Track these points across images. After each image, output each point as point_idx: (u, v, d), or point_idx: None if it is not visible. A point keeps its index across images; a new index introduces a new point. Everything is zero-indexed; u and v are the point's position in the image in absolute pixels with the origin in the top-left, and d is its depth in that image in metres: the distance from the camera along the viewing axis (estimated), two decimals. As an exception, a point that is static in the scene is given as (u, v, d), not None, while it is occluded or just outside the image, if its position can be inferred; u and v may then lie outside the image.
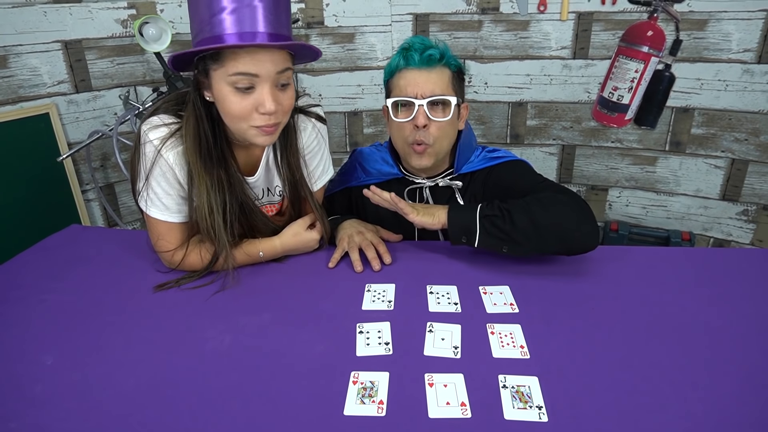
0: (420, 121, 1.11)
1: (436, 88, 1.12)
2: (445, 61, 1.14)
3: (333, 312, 0.95)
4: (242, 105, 0.92)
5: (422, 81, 1.12)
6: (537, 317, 0.91)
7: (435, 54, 1.11)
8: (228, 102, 0.92)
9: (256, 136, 0.97)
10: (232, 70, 0.89)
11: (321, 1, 2.14)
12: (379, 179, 1.27)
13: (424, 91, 1.11)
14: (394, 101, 1.15)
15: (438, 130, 1.13)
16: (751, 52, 1.92)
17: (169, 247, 1.05)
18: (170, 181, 1.01)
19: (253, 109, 0.93)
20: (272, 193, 1.16)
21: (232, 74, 0.89)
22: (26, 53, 1.83)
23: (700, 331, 0.87)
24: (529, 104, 2.25)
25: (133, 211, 2.26)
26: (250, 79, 0.90)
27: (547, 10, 2.07)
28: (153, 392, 0.77)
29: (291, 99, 0.98)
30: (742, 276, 1.04)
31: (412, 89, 1.12)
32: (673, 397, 0.73)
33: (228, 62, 0.89)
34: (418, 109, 1.11)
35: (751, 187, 2.08)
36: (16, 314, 0.96)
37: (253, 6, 0.87)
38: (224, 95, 0.92)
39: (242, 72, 0.89)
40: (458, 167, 1.23)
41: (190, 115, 0.99)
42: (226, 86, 0.91)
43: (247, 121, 0.94)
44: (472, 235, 1.03)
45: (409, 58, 1.12)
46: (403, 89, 1.14)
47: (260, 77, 0.90)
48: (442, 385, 0.76)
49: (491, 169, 1.23)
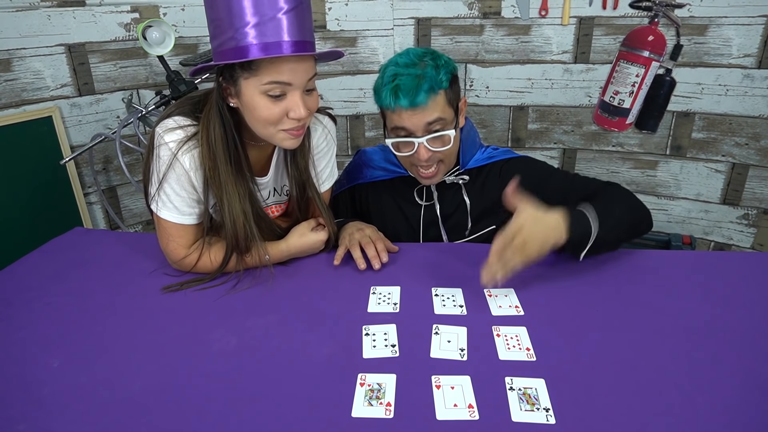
0: (422, 156, 1.11)
1: (434, 121, 1.08)
2: (436, 88, 1.07)
3: (339, 314, 0.95)
4: (274, 111, 0.94)
5: (417, 119, 1.08)
6: (542, 320, 0.91)
7: (423, 99, 1.05)
8: (260, 108, 0.93)
9: (285, 139, 0.98)
10: (266, 79, 0.91)
11: (323, 5, 2.15)
12: (385, 175, 1.28)
13: (421, 127, 1.09)
14: (393, 142, 1.13)
15: (442, 155, 1.14)
16: (751, 57, 1.93)
17: (178, 249, 1.06)
18: (183, 184, 1.01)
19: (283, 115, 0.95)
20: (279, 193, 1.17)
21: (266, 83, 0.91)
22: (30, 57, 1.83)
23: (703, 334, 0.87)
24: (531, 108, 2.26)
25: (135, 214, 2.26)
26: (283, 87, 0.92)
27: (549, 15, 2.08)
28: (159, 394, 0.77)
29: (316, 101, 1.00)
30: (743, 280, 1.05)
31: (407, 123, 1.09)
32: (679, 399, 0.73)
33: (262, 71, 0.90)
34: (419, 146, 1.10)
35: (751, 191, 2.08)
36: (22, 317, 0.96)
37: (289, 15, 0.88)
38: (256, 102, 0.93)
39: (277, 81, 0.91)
40: (463, 162, 1.23)
41: (215, 122, 0.99)
42: (258, 94, 0.92)
43: (276, 126, 0.96)
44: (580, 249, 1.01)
45: (400, 99, 1.06)
46: (396, 122, 1.10)
47: (293, 85, 0.92)
48: (450, 387, 0.76)
49: (504, 164, 1.24)
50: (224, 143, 0.99)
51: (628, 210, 1.09)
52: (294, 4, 0.88)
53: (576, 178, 1.21)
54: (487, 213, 1.24)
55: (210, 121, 0.99)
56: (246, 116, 0.98)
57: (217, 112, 0.98)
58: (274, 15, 0.86)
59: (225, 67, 0.93)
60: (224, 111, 0.98)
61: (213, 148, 0.99)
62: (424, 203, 1.26)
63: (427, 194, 1.26)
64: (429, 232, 1.27)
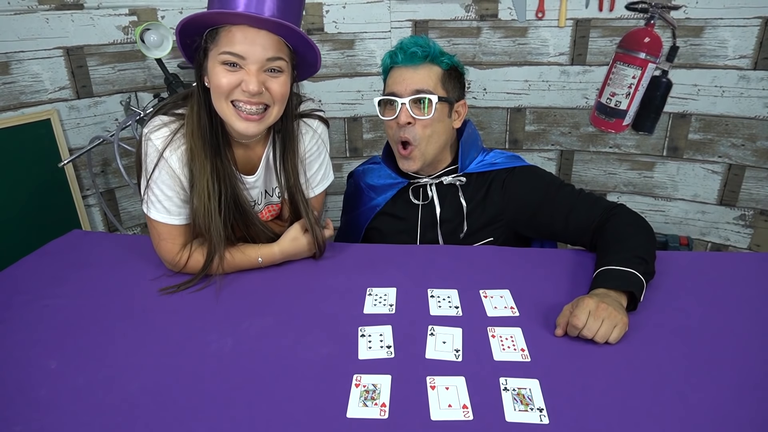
0: (402, 119, 1.13)
1: (420, 86, 1.12)
2: (432, 59, 1.14)
3: (334, 315, 0.95)
4: (227, 80, 0.93)
5: (407, 78, 1.13)
6: (537, 321, 0.92)
7: (417, 51, 1.12)
8: (216, 77, 0.94)
9: (236, 120, 0.97)
10: (222, 48, 0.92)
11: (321, 8, 2.15)
12: (388, 193, 1.28)
13: (407, 89, 1.12)
14: (380, 99, 1.17)
15: (423, 129, 1.14)
16: (746, 58, 1.94)
17: (170, 249, 1.06)
18: (171, 185, 1.02)
19: (236, 86, 0.94)
20: (270, 195, 1.17)
21: (222, 52, 0.92)
22: (28, 59, 1.83)
23: (699, 335, 0.88)
24: (528, 110, 2.26)
25: (134, 217, 2.27)
26: (237, 59, 0.92)
27: (545, 17, 2.09)
28: (156, 395, 0.77)
29: (282, 87, 0.98)
30: (740, 280, 1.05)
31: (397, 87, 1.14)
32: (673, 400, 0.74)
33: (221, 39, 0.92)
34: (401, 108, 1.12)
35: (748, 192, 2.09)
36: (20, 319, 0.97)
37: None
38: (215, 72, 0.94)
39: (230, 51, 0.92)
40: (462, 164, 1.23)
41: (194, 102, 1.00)
42: (217, 64, 0.93)
43: (229, 97, 0.95)
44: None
45: (395, 55, 1.15)
46: (389, 87, 1.16)
47: (247, 59, 0.93)
48: (444, 388, 0.77)
49: (508, 174, 1.22)
50: (198, 119, 0.99)
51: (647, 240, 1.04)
52: None
53: (581, 195, 1.17)
54: (487, 224, 1.23)
55: (192, 110, 1.00)
56: (211, 93, 0.98)
57: (196, 91, 0.99)
58: None
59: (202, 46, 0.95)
60: (199, 88, 0.99)
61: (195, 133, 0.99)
62: (420, 203, 1.26)
63: (424, 196, 1.27)
64: (426, 234, 1.27)
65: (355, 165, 2.33)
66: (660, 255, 1.17)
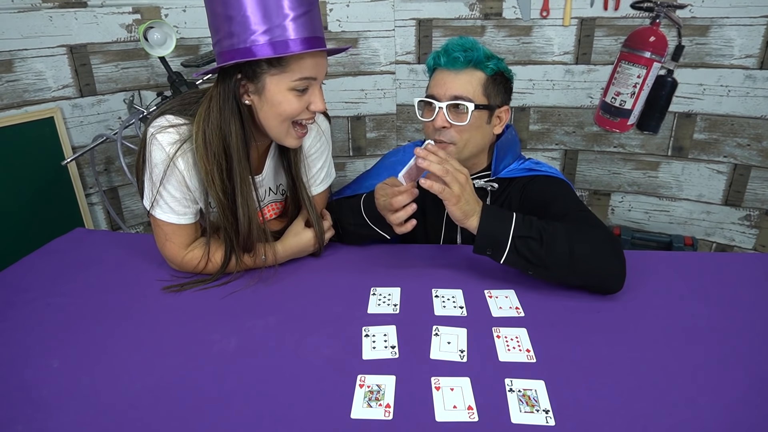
0: (438, 122, 1.11)
1: (459, 92, 1.10)
2: (476, 64, 1.11)
3: (339, 315, 0.95)
4: (297, 106, 0.96)
5: (447, 82, 1.12)
6: (542, 321, 0.91)
7: (459, 57, 1.10)
8: (285, 103, 0.95)
9: (293, 138, 1.01)
10: (297, 75, 0.93)
11: (325, 6, 2.15)
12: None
13: (446, 93, 1.11)
14: (420, 100, 1.15)
15: (459, 134, 1.12)
16: (753, 57, 1.92)
17: (176, 249, 1.06)
18: (178, 186, 1.01)
19: (304, 108, 0.98)
20: (274, 192, 1.17)
21: (297, 79, 0.94)
22: (31, 58, 1.83)
23: (704, 335, 0.87)
24: (532, 109, 2.25)
25: (136, 215, 2.26)
26: (309, 82, 0.95)
27: (550, 16, 2.08)
28: (159, 395, 0.77)
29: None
30: (745, 281, 1.04)
31: (437, 90, 1.12)
32: (680, 401, 0.73)
33: (292, 67, 0.93)
34: (438, 111, 1.11)
35: (753, 192, 2.08)
36: (22, 317, 0.97)
37: (312, 12, 0.91)
38: (282, 97, 0.95)
39: (306, 77, 0.94)
40: (495, 169, 1.20)
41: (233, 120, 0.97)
42: (285, 90, 0.94)
43: (293, 119, 0.98)
44: (500, 250, 0.95)
45: (438, 57, 1.14)
46: (430, 89, 1.15)
47: (317, 80, 0.96)
48: (449, 389, 0.76)
49: (530, 180, 1.19)
50: (241, 141, 0.99)
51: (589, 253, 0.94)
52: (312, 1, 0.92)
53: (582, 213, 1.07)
54: None
55: (209, 121, 0.97)
56: (262, 112, 0.98)
57: (235, 110, 0.97)
58: (305, 11, 0.90)
59: (245, 65, 0.93)
60: (243, 109, 0.98)
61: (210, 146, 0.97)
62: None
63: None
64: (450, 234, 1.25)
65: (358, 164, 2.35)
66: (664, 255, 1.17)
